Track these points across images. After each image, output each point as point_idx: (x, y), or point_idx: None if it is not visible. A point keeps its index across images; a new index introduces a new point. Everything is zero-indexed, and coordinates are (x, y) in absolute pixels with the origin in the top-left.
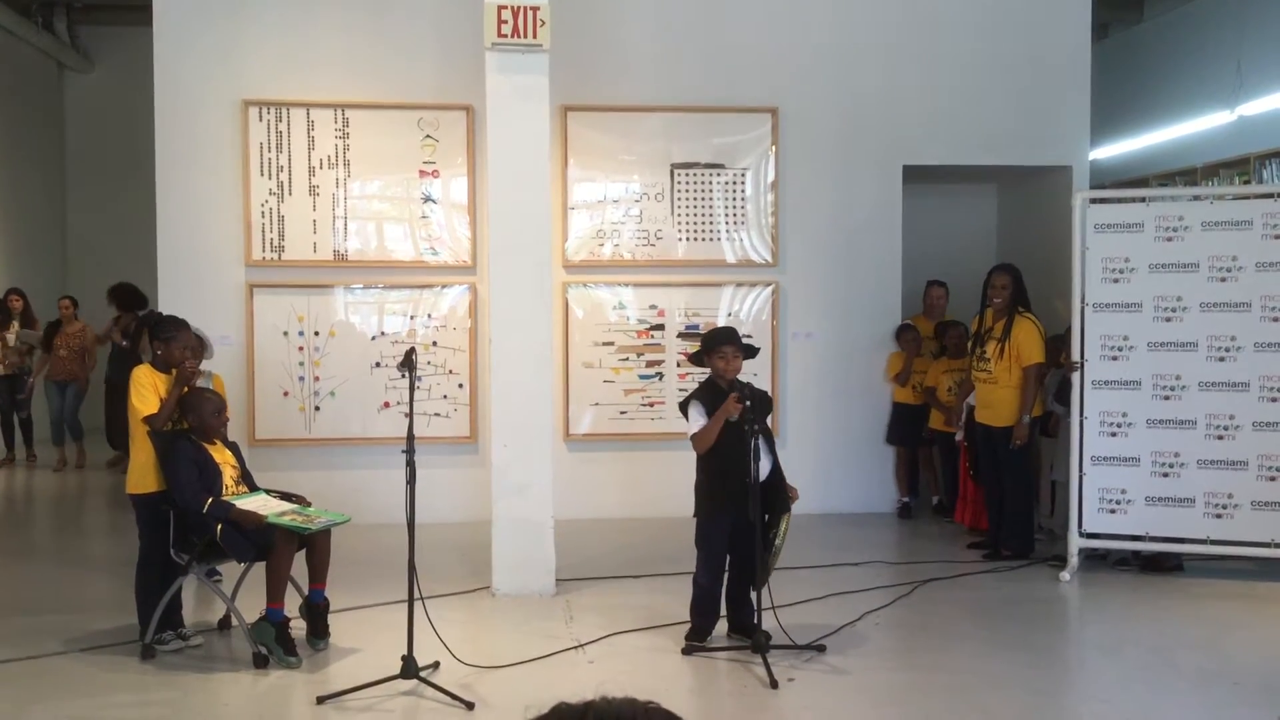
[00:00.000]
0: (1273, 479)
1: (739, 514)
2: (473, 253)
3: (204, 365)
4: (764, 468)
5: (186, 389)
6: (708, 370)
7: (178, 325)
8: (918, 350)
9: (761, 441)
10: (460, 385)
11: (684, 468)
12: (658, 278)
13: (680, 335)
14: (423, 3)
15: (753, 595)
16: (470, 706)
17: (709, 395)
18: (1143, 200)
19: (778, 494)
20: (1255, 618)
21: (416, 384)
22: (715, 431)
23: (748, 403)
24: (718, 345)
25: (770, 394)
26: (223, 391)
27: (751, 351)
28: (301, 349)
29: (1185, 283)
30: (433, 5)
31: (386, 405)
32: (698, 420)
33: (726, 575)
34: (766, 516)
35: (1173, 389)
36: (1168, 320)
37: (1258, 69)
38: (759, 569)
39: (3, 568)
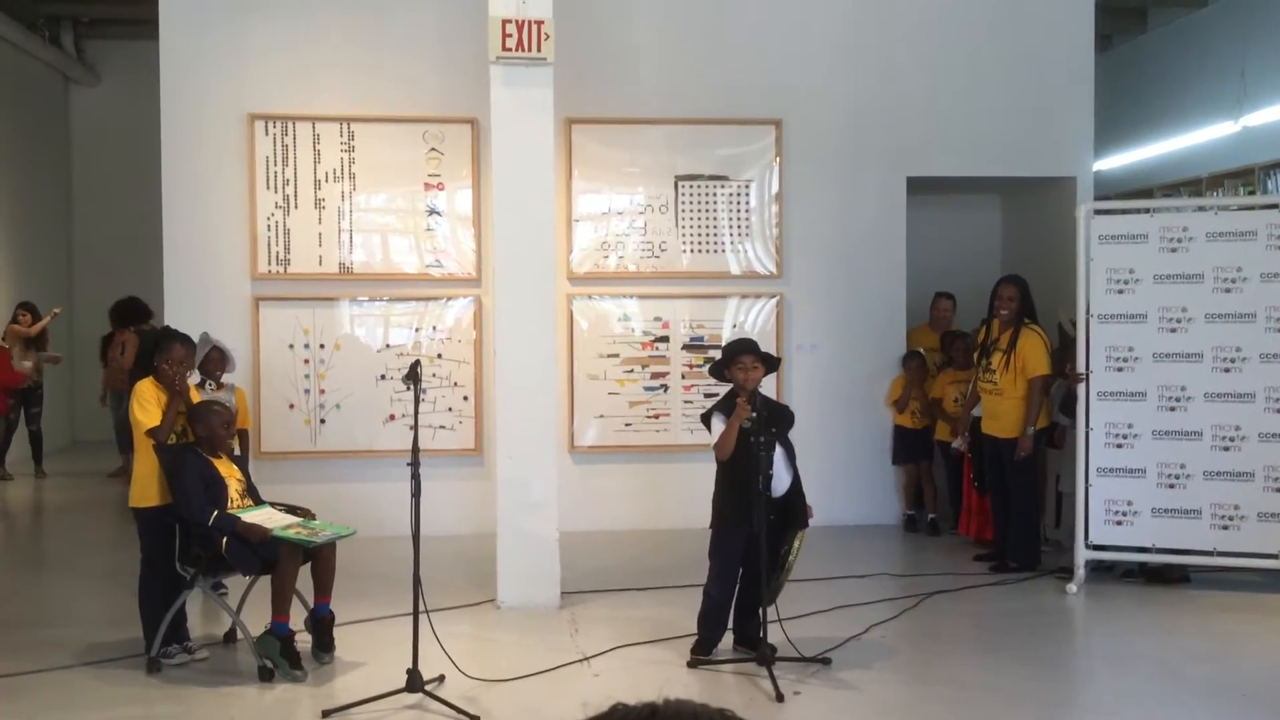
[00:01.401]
0: (1279, 490)
1: (753, 527)
2: (477, 265)
3: (225, 378)
4: (784, 482)
5: (187, 402)
6: (718, 384)
7: (168, 337)
8: (921, 380)
9: (782, 456)
10: (465, 397)
11: (689, 479)
12: (662, 289)
13: (685, 348)
14: (427, 17)
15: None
16: None
17: (730, 407)
18: (1147, 211)
19: (795, 510)
20: (1262, 629)
21: (421, 396)
22: (732, 437)
23: (754, 414)
24: (736, 356)
25: (792, 409)
26: (244, 404)
27: (772, 361)
28: (307, 361)
29: (1190, 294)
30: (437, 19)
31: (392, 418)
32: (720, 431)
33: (738, 588)
34: (784, 531)
35: (1178, 400)
36: (1173, 331)
37: (1262, 79)
38: (765, 583)
39: (10, 581)
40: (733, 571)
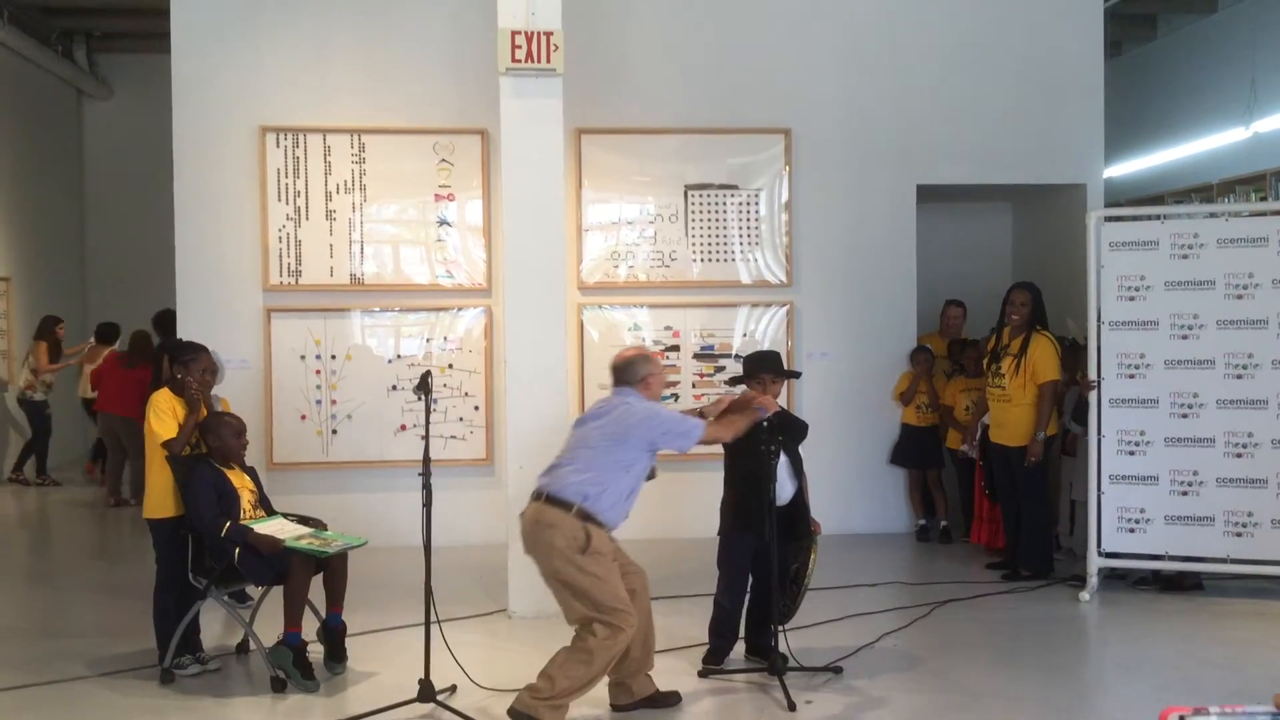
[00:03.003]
0: None
1: (760, 535)
2: (488, 275)
3: (214, 390)
4: (787, 491)
5: (210, 409)
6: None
7: (196, 349)
8: (929, 373)
9: (786, 465)
10: (476, 407)
11: (699, 489)
12: (672, 299)
13: (696, 357)
14: (437, 29)
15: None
16: None
17: None
18: (1158, 218)
19: (798, 521)
20: (1276, 636)
21: (432, 407)
22: (744, 426)
23: (765, 423)
24: (756, 373)
25: (805, 421)
26: None
27: (792, 375)
28: (318, 372)
29: (1201, 300)
30: (447, 31)
31: (403, 428)
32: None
33: (750, 596)
34: (789, 543)
35: (1190, 407)
36: (1184, 338)
37: (1272, 85)
38: (776, 596)
39: (25, 592)
40: (742, 579)
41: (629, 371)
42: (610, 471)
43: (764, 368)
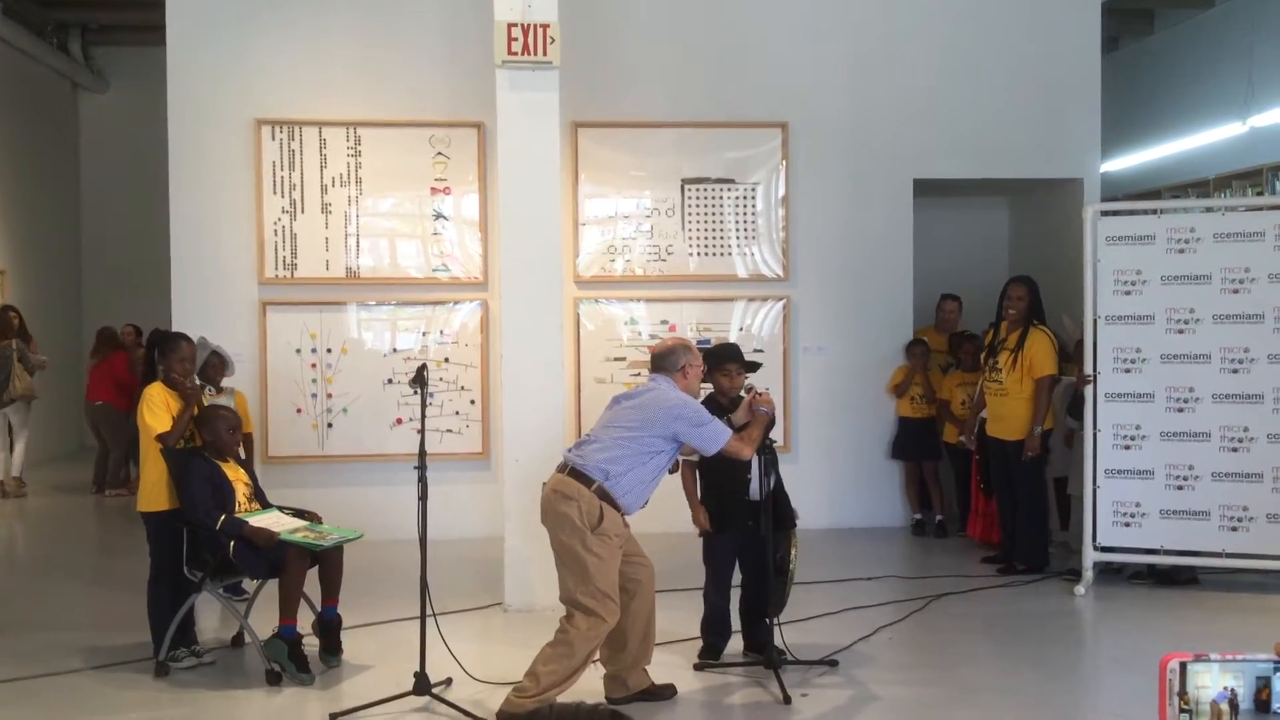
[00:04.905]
0: None
1: (744, 529)
2: (484, 269)
3: (225, 382)
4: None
5: (198, 407)
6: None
7: (173, 339)
8: (924, 366)
9: (759, 462)
10: (472, 401)
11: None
12: (669, 293)
13: None
14: (433, 21)
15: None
16: None
17: (714, 411)
18: (1154, 212)
19: (778, 513)
20: (1272, 631)
21: (428, 400)
22: (758, 434)
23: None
24: (722, 363)
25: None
26: (245, 409)
27: (753, 367)
28: (314, 366)
29: (1197, 294)
30: (443, 23)
31: (399, 422)
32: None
33: (741, 593)
34: (776, 533)
35: (1186, 401)
36: (1180, 332)
37: (1269, 80)
38: (772, 590)
39: (20, 585)
40: (727, 575)
41: (668, 359)
42: (633, 456)
43: (730, 359)
